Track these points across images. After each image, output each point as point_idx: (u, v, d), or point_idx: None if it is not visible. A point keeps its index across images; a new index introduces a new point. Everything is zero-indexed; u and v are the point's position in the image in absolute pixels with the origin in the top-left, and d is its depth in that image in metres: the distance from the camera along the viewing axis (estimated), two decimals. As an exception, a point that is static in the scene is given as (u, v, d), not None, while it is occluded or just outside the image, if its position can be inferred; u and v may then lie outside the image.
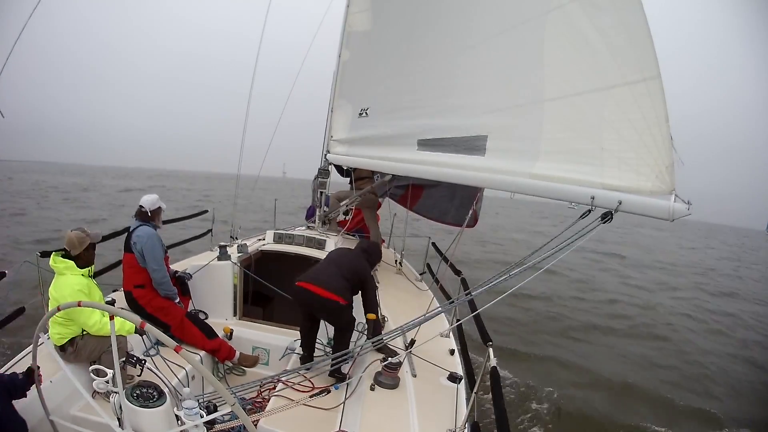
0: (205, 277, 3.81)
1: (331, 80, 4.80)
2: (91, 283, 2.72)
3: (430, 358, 3.01)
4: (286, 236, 4.55)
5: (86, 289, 2.61)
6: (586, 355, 7.48)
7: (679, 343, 8.70)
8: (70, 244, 2.62)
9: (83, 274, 2.66)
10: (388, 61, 3.91)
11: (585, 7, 2.23)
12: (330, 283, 2.93)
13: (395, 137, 3.67)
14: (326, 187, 5.39)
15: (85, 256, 2.67)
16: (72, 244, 2.62)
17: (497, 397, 2.18)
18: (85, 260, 2.68)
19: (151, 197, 3.34)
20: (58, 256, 2.63)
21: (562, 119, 2.36)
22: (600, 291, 12.54)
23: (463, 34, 3.05)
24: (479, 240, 19.30)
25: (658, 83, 1.99)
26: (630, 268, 17.37)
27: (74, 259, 2.64)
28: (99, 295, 2.78)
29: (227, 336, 3.63)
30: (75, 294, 2.51)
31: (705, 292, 14.93)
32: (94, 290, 2.72)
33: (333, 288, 2.91)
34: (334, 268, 3.07)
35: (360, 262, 3.20)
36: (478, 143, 2.81)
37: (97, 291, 2.78)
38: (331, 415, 2.54)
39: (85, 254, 2.67)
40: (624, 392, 6.23)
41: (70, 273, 2.60)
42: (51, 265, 2.62)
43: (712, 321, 10.91)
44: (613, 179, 2.12)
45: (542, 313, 9.48)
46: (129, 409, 1.76)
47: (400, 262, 5.32)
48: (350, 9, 4.40)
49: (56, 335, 2.59)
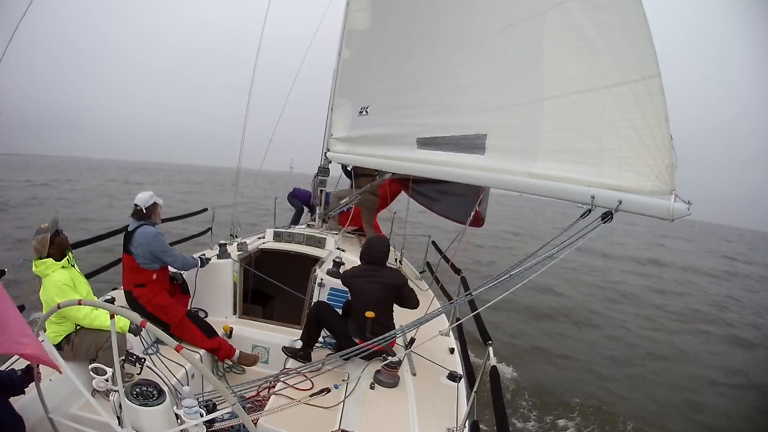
0: (205, 276, 3.82)
1: (332, 77, 4.80)
2: (74, 273, 2.71)
3: (430, 357, 3.02)
4: (286, 234, 4.55)
5: (70, 281, 2.60)
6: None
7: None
8: (37, 251, 2.60)
9: (63, 265, 2.64)
10: (388, 60, 3.91)
11: (584, 4, 2.21)
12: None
13: (395, 136, 3.66)
14: (326, 185, 5.39)
15: (55, 250, 2.63)
16: (38, 250, 2.60)
17: (497, 396, 2.19)
18: (58, 252, 2.64)
19: (144, 194, 3.26)
20: (36, 259, 2.61)
21: (562, 118, 2.35)
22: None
23: (462, 32, 3.03)
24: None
25: (658, 82, 1.97)
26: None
27: (50, 256, 2.62)
28: (84, 283, 2.78)
29: (227, 334, 3.63)
30: (61, 290, 2.51)
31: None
32: (78, 280, 2.71)
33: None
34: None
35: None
36: (478, 142, 2.81)
37: (83, 280, 2.77)
38: (331, 414, 2.55)
39: (54, 248, 2.63)
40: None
41: (52, 271, 2.59)
42: (34, 272, 2.61)
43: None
44: (613, 179, 2.11)
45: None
46: (129, 407, 1.76)
47: (400, 261, 5.32)
48: (350, 7, 4.40)
49: (52, 334, 2.59)
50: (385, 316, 3.09)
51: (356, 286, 3.14)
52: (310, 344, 3.23)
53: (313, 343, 3.25)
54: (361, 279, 3.13)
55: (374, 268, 3.14)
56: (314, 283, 3.75)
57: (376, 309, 2.99)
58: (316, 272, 3.79)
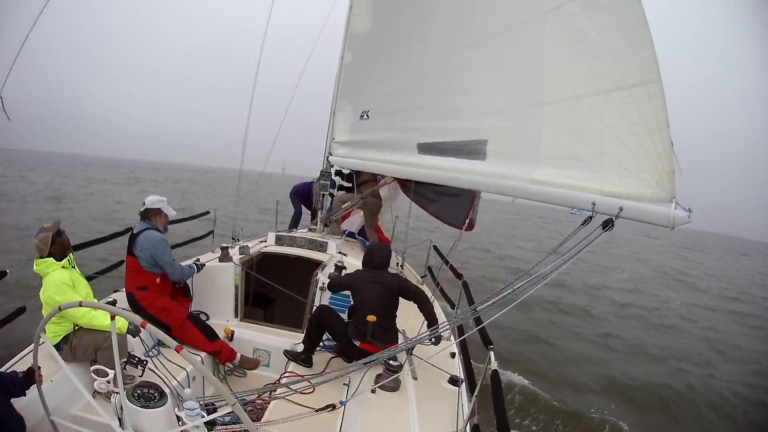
0: (207, 279, 3.82)
1: (334, 79, 4.82)
2: (74, 273, 2.73)
3: (431, 361, 3.01)
4: (288, 238, 4.56)
5: (69, 281, 2.62)
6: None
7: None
8: (38, 250, 2.63)
9: (64, 265, 2.67)
10: (388, 63, 3.91)
11: (584, 7, 2.21)
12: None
13: (395, 140, 3.67)
14: (328, 189, 5.40)
15: (56, 249, 2.66)
16: (40, 249, 2.63)
17: (498, 400, 2.18)
18: (59, 251, 2.67)
19: (153, 197, 3.31)
20: (37, 259, 2.64)
21: (562, 123, 2.34)
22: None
23: (462, 34, 3.03)
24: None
25: (659, 87, 1.95)
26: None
27: (50, 255, 2.65)
28: (84, 284, 2.80)
29: (228, 337, 3.63)
30: (60, 289, 2.54)
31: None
32: (78, 280, 2.73)
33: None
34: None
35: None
36: (479, 148, 2.80)
37: (82, 280, 2.79)
38: (332, 418, 2.54)
39: (55, 247, 2.66)
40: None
41: (52, 270, 2.61)
42: (35, 270, 2.64)
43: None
44: (613, 185, 2.10)
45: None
46: (130, 409, 1.76)
47: (402, 265, 5.32)
48: (352, 11, 4.41)
49: (51, 334, 2.61)
50: (388, 318, 3.10)
51: (357, 288, 3.17)
52: (311, 348, 3.23)
53: (314, 347, 3.25)
54: (361, 280, 3.17)
55: (376, 272, 3.19)
56: (316, 287, 3.76)
57: (378, 310, 3.01)
58: (318, 276, 3.80)
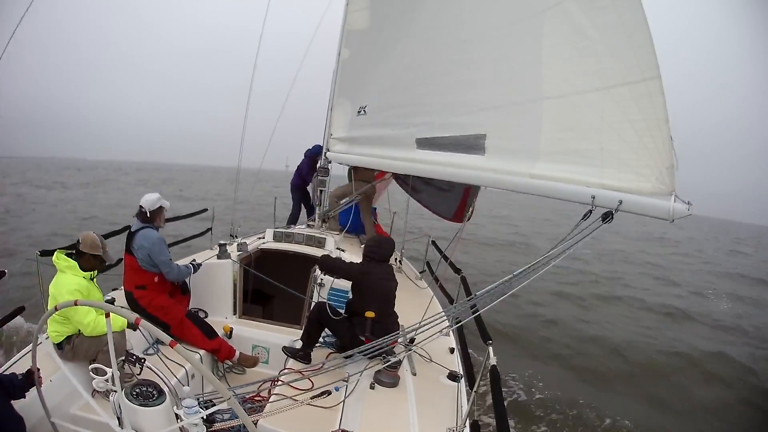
0: (205, 276, 3.81)
1: (331, 76, 4.79)
2: (92, 286, 2.70)
3: (430, 357, 3.02)
4: (286, 235, 4.55)
5: (84, 291, 2.59)
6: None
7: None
8: (85, 239, 2.64)
9: (84, 276, 2.65)
10: (386, 59, 3.88)
11: (583, 5, 2.21)
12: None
13: (394, 135, 3.65)
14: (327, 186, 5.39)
15: (90, 261, 2.67)
16: (86, 241, 2.63)
17: (497, 395, 2.19)
18: (88, 264, 2.68)
19: (151, 196, 3.23)
20: (62, 253, 2.62)
21: (562, 119, 2.34)
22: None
23: (460, 29, 3.02)
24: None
25: (658, 83, 1.96)
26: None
27: (78, 260, 2.63)
28: (99, 298, 2.76)
29: (227, 334, 3.63)
30: (72, 294, 2.50)
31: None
32: (93, 292, 2.70)
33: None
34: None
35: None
36: (478, 142, 2.80)
37: (97, 293, 2.76)
38: (331, 414, 2.55)
39: (91, 259, 2.67)
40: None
41: (71, 272, 2.60)
42: (54, 261, 2.62)
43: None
44: (613, 180, 2.11)
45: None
46: (128, 407, 1.76)
47: (400, 261, 5.33)
48: (349, 7, 4.38)
49: (53, 333, 2.59)
50: (392, 314, 3.17)
51: (372, 284, 3.11)
52: (310, 344, 3.22)
53: (313, 343, 3.24)
54: (376, 276, 3.14)
55: (387, 267, 3.24)
56: (314, 283, 3.76)
57: (388, 307, 3.13)
58: (316, 272, 3.79)
